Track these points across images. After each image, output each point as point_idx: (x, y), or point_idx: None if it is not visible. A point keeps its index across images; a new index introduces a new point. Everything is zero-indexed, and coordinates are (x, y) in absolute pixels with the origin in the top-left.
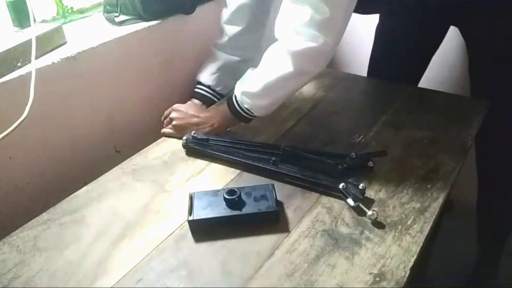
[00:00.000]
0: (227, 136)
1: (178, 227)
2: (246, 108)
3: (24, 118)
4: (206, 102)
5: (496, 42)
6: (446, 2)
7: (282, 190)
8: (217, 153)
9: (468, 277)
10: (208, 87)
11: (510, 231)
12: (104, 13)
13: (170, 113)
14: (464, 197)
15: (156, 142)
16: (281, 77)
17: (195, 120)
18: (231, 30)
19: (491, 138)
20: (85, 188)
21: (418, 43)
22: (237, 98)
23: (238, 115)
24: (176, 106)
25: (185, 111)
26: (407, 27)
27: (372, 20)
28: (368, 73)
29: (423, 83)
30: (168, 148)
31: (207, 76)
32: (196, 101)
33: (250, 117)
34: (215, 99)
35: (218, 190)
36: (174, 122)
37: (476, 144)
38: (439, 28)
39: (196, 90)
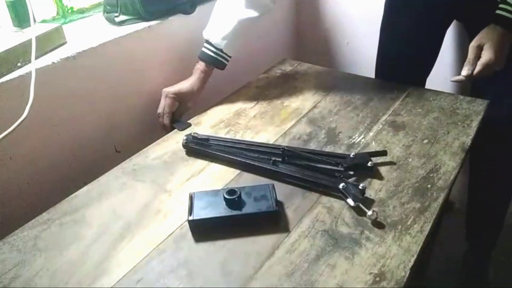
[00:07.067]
0: (227, 136)
1: (178, 227)
2: None
3: (24, 118)
4: (216, 65)
5: None
6: None
7: (282, 190)
8: (217, 153)
9: (462, 276)
10: (221, 50)
11: (500, 229)
12: (104, 13)
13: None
14: (464, 197)
15: (156, 142)
16: None
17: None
18: None
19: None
20: (85, 188)
21: (423, 38)
22: None
23: None
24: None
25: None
26: (411, 23)
27: (372, 20)
28: (376, 72)
29: None
30: (168, 148)
31: (219, 38)
32: (202, 63)
33: None
34: (225, 62)
35: (218, 190)
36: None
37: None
38: (443, 22)
39: (207, 52)
